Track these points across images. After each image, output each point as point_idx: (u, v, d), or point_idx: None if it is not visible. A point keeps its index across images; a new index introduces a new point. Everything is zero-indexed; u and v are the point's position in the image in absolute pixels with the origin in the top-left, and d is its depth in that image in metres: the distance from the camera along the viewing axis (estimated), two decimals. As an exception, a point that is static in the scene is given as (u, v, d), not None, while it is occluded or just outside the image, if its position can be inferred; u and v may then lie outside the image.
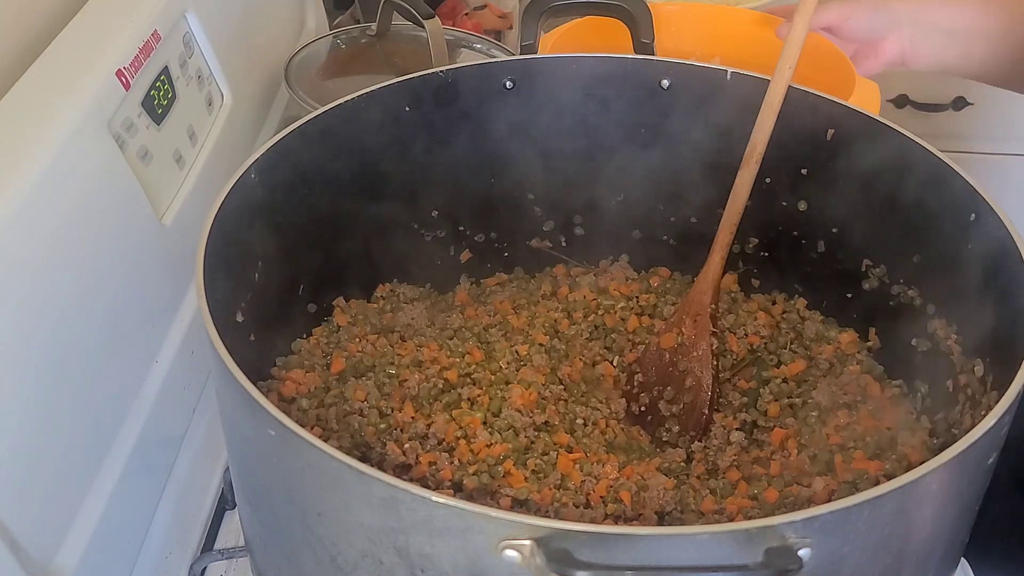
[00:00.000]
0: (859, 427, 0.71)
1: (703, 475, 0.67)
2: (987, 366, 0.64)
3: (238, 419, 0.55)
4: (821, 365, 0.77)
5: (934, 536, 0.55)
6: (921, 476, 0.47)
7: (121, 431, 0.70)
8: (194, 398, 0.82)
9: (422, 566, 0.48)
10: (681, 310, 0.76)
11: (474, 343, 0.74)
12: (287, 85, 1.00)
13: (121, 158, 0.71)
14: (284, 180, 0.69)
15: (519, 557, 0.44)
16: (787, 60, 0.71)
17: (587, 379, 0.73)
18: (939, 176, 0.67)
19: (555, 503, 0.61)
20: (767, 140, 0.71)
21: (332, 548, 0.52)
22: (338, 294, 0.79)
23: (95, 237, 0.67)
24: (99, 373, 0.67)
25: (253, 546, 0.64)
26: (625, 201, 0.84)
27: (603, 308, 0.78)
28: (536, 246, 0.86)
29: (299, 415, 0.70)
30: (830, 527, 0.46)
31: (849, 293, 0.78)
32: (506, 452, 0.64)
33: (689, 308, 0.75)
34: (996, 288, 0.62)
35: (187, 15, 0.84)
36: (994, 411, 0.51)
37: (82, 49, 0.72)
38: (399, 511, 0.47)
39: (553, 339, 0.76)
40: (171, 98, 0.79)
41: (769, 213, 0.78)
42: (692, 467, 0.67)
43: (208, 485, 0.82)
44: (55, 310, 0.63)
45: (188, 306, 0.80)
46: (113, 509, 0.67)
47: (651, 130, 0.79)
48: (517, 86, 0.78)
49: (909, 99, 1.46)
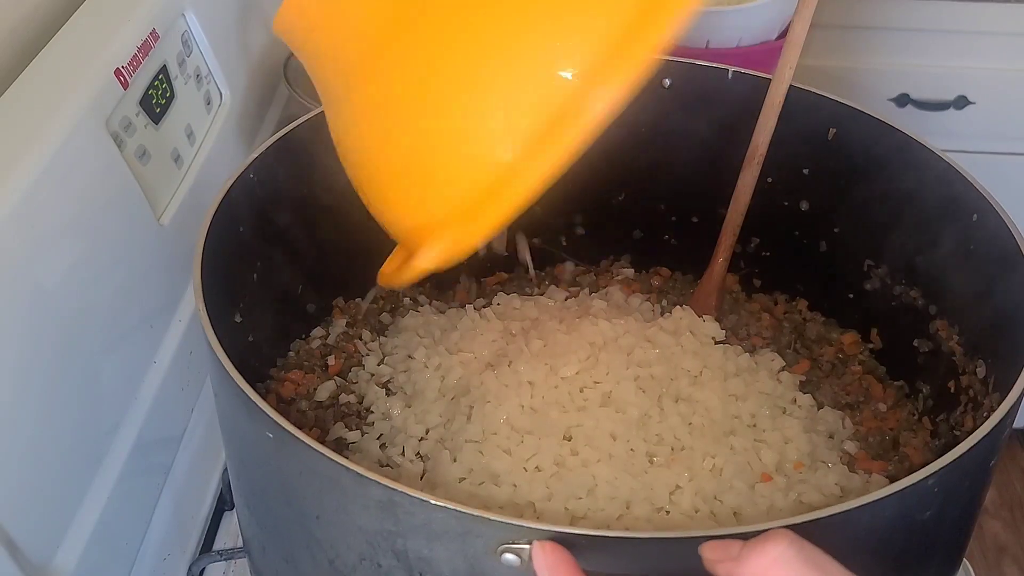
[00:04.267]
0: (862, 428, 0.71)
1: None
2: (989, 367, 0.64)
3: (236, 421, 0.55)
4: (824, 366, 0.77)
5: (935, 537, 0.55)
6: (923, 478, 0.47)
7: (119, 431, 0.70)
8: (192, 398, 0.82)
9: (420, 569, 0.48)
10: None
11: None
12: (286, 84, 0.99)
13: (119, 157, 0.70)
14: (283, 180, 0.69)
15: (518, 561, 0.44)
16: (787, 61, 0.70)
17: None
18: (941, 175, 0.67)
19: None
20: (768, 141, 0.71)
21: (330, 551, 0.51)
22: (337, 295, 0.79)
23: (93, 237, 0.67)
24: (97, 373, 0.67)
25: (251, 548, 0.64)
26: (626, 200, 0.84)
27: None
28: (536, 245, 0.86)
29: (298, 416, 0.70)
30: (831, 529, 0.45)
31: (851, 293, 0.78)
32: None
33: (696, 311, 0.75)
34: (998, 288, 0.62)
35: (186, 14, 0.83)
36: (996, 412, 0.51)
37: (80, 48, 0.72)
38: (397, 514, 0.46)
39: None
40: (169, 97, 0.79)
41: (771, 213, 0.78)
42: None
43: (207, 486, 0.82)
44: (53, 310, 0.62)
45: (186, 306, 0.79)
46: (111, 510, 0.67)
47: (652, 129, 0.79)
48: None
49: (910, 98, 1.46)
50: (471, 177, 0.47)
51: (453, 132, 0.47)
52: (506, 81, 0.46)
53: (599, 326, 0.73)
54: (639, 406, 0.67)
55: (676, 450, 0.65)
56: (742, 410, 0.69)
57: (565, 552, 0.43)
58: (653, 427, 0.66)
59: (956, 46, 1.41)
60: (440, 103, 0.47)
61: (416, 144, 0.49)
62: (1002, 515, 1.78)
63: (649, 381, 0.69)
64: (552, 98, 0.46)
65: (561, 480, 0.62)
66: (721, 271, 0.76)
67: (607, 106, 0.45)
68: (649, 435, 0.65)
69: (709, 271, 0.76)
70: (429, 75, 0.47)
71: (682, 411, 0.67)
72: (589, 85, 0.45)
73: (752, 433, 0.68)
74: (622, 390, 0.68)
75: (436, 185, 0.49)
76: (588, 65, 0.45)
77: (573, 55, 0.45)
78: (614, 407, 0.67)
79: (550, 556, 0.43)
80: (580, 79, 0.45)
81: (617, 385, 0.68)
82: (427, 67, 0.47)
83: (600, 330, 0.73)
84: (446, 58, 0.47)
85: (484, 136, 0.47)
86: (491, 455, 0.64)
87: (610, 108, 0.45)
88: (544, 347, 0.72)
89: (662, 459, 0.64)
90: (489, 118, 0.47)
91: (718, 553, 0.43)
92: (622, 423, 0.65)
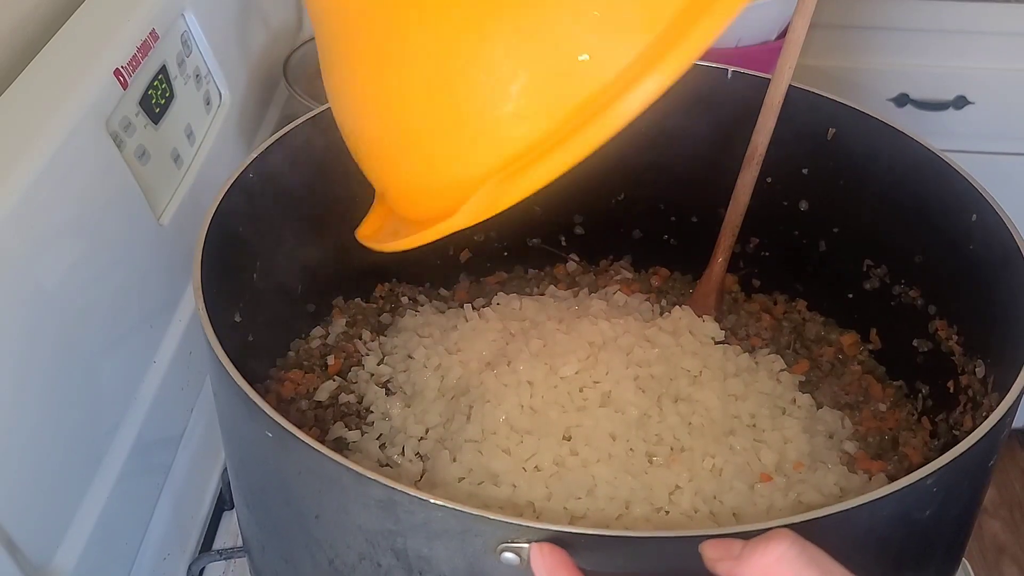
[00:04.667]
0: (861, 428, 0.72)
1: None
2: (988, 367, 0.64)
3: (236, 421, 0.55)
4: (823, 366, 0.77)
5: (935, 537, 0.55)
6: (922, 478, 0.47)
7: (119, 431, 0.70)
8: (192, 398, 0.82)
9: (420, 568, 0.48)
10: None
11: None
12: (286, 83, 1.00)
13: (119, 158, 0.70)
14: (283, 180, 0.69)
15: (517, 560, 0.44)
16: (787, 60, 0.70)
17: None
18: (940, 175, 0.67)
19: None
20: (768, 141, 0.71)
21: (330, 550, 0.51)
22: (337, 294, 0.79)
23: (92, 237, 0.67)
24: (97, 373, 0.67)
25: (251, 547, 0.64)
26: (626, 200, 0.84)
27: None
28: (536, 246, 0.86)
29: (298, 416, 0.70)
30: (831, 528, 0.46)
31: (850, 293, 0.78)
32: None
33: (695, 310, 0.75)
34: (997, 288, 0.62)
35: (185, 14, 0.83)
36: (995, 412, 0.51)
37: (80, 48, 0.72)
38: (397, 513, 0.46)
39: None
40: (169, 97, 0.79)
41: (770, 213, 0.78)
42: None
43: (206, 485, 0.82)
44: (52, 310, 0.63)
45: (186, 306, 0.80)
46: (111, 510, 0.67)
47: (652, 129, 0.79)
48: (517, 85, 0.78)
49: (910, 98, 1.46)
50: (522, 134, 0.48)
51: (511, 85, 0.47)
52: (563, 44, 0.46)
53: (598, 326, 0.73)
54: (638, 406, 0.67)
55: (676, 450, 0.65)
56: (742, 410, 0.69)
57: (563, 553, 0.43)
58: (652, 427, 0.66)
59: (955, 46, 1.41)
60: (504, 53, 0.47)
61: (470, 94, 0.48)
62: (1001, 515, 1.78)
63: (649, 381, 0.69)
64: (613, 63, 0.46)
65: (560, 480, 0.62)
66: (720, 271, 0.75)
67: (658, 88, 0.45)
68: (648, 435, 0.65)
69: (708, 271, 0.76)
70: (490, 23, 0.47)
71: (681, 411, 0.67)
72: (644, 66, 0.45)
73: (752, 433, 0.68)
74: (621, 390, 0.67)
75: (487, 138, 0.49)
76: (641, 44, 0.46)
77: (631, 27, 0.46)
78: (613, 407, 0.67)
79: (548, 558, 0.43)
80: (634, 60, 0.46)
81: (616, 385, 0.68)
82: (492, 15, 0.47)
83: (599, 330, 0.73)
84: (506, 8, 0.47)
85: (540, 91, 0.47)
86: (490, 455, 0.64)
87: (661, 89, 0.45)
88: (543, 347, 0.72)
89: (662, 459, 0.64)
90: (551, 73, 0.47)
91: (719, 552, 0.43)
92: (621, 423, 0.65)
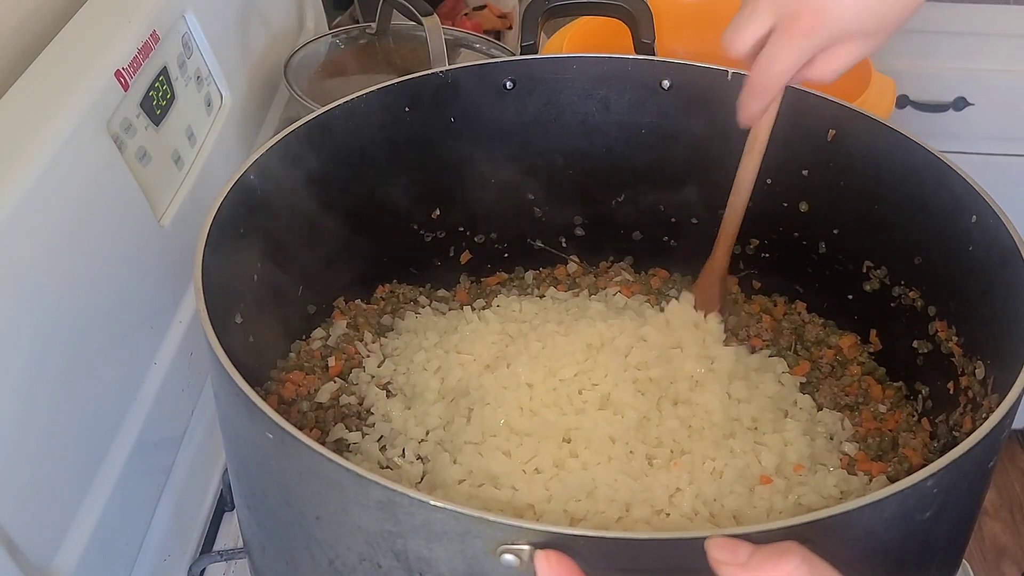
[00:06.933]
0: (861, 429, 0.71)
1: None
2: (988, 368, 0.64)
3: (236, 422, 0.55)
4: (823, 368, 0.77)
5: (935, 538, 0.55)
6: (922, 479, 0.47)
7: (120, 432, 0.70)
8: (193, 399, 0.82)
9: (420, 570, 0.48)
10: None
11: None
12: (286, 85, 1.00)
13: (120, 159, 0.70)
14: (283, 181, 0.68)
15: (517, 562, 0.44)
16: None
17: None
18: (940, 177, 0.67)
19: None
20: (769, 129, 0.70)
21: (330, 551, 0.51)
22: (337, 295, 0.79)
23: (93, 238, 0.67)
24: (97, 374, 0.67)
25: (252, 548, 0.64)
26: (625, 202, 0.84)
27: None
28: (536, 247, 0.86)
29: (299, 417, 0.70)
30: (831, 530, 0.46)
31: (850, 295, 0.78)
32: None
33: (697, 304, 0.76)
34: (997, 290, 0.62)
35: (186, 15, 0.84)
36: (995, 413, 0.51)
37: (81, 50, 0.72)
38: (397, 515, 0.46)
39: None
40: (170, 99, 0.79)
41: (770, 214, 0.78)
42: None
43: (207, 486, 0.82)
44: (53, 311, 0.63)
45: (187, 307, 0.80)
46: (112, 511, 0.67)
47: (651, 130, 0.79)
48: (517, 86, 0.78)
49: (910, 99, 1.46)
50: None
51: None
52: None
53: (596, 327, 0.73)
54: (637, 408, 0.67)
55: (676, 453, 0.65)
56: (742, 412, 0.69)
57: (569, 560, 0.43)
58: (652, 430, 0.66)
59: (955, 48, 1.41)
60: None
61: None
62: (1002, 516, 1.78)
63: (647, 383, 0.69)
64: None
65: (560, 482, 0.62)
66: (723, 262, 0.75)
67: None
68: (648, 438, 0.65)
69: (710, 262, 0.76)
70: None
71: (681, 414, 0.67)
72: None
73: (752, 436, 0.68)
74: (620, 392, 0.68)
75: None
76: None
77: None
78: (612, 409, 0.67)
79: (555, 565, 0.43)
80: None
81: (615, 387, 0.68)
82: None
83: (597, 331, 0.73)
84: None
85: None
86: (490, 457, 0.64)
87: None
88: (543, 349, 0.72)
89: (661, 461, 0.64)
90: None
91: (725, 554, 0.42)
92: (620, 425, 0.65)
